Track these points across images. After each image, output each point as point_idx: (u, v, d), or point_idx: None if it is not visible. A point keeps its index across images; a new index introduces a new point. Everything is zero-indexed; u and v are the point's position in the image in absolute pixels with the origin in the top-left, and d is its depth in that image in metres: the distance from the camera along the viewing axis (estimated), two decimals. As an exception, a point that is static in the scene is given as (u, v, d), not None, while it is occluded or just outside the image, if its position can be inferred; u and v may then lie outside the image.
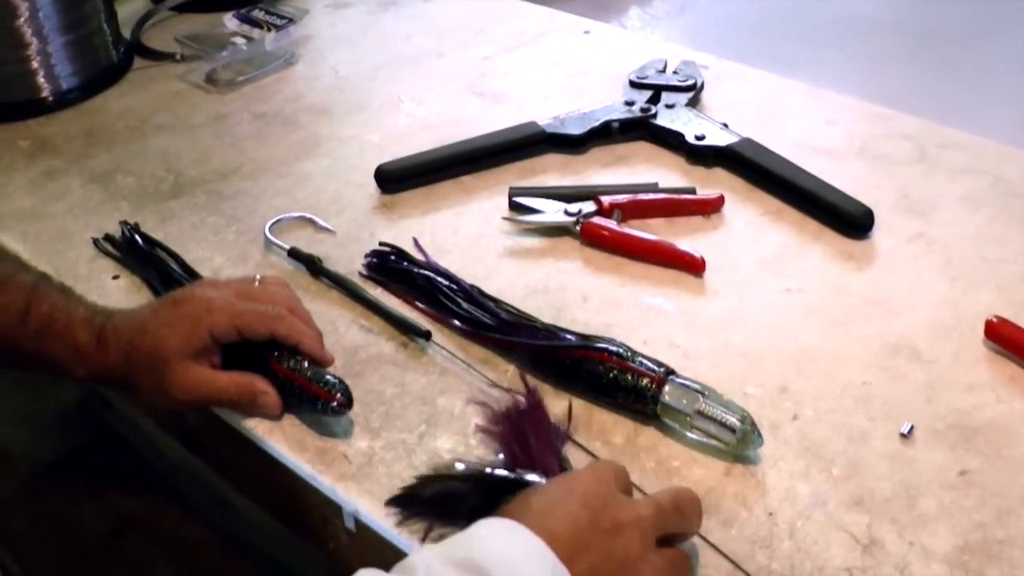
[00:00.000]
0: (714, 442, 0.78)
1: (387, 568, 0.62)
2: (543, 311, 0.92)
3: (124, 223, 1.04)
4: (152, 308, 0.86)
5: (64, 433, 1.31)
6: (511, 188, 1.07)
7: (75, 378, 0.85)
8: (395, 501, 0.75)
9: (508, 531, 0.64)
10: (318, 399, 0.81)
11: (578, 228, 1.01)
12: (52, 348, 0.84)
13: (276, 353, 0.83)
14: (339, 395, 0.80)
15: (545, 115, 1.17)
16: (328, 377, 0.82)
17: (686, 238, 1.01)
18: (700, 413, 0.78)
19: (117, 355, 0.83)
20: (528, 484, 0.73)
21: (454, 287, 0.94)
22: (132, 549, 1.20)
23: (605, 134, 1.16)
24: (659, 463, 0.79)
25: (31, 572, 1.15)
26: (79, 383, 0.87)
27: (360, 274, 0.98)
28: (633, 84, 1.23)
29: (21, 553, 1.16)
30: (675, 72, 1.25)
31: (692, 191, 1.06)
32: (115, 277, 0.99)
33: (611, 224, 1.01)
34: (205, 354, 0.82)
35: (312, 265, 0.98)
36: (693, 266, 0.97)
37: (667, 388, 0.80)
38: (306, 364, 0.83)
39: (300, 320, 0.85)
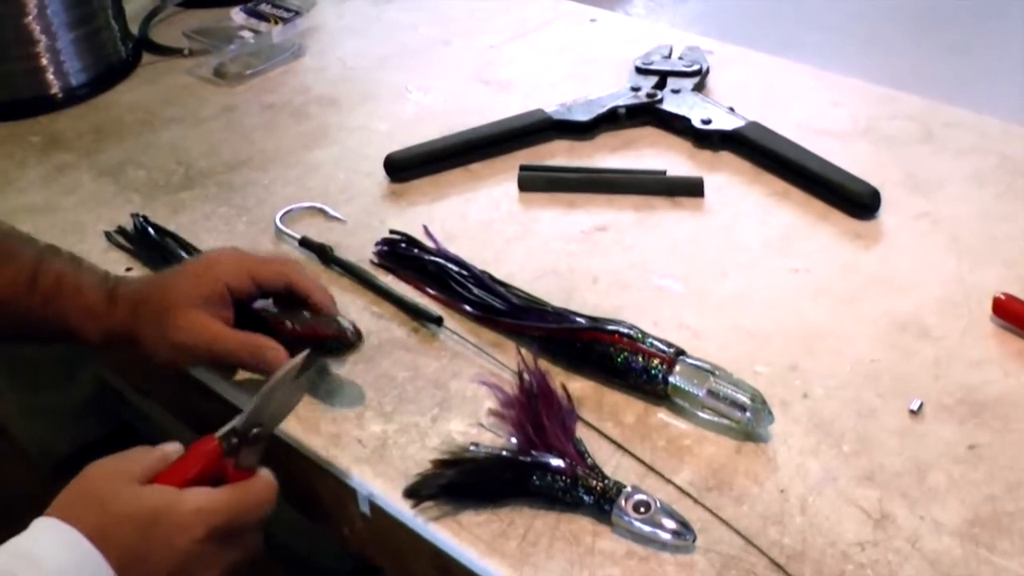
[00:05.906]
0: (725, 421, 0.79)
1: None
2: (553, 295, 0.92)
3: (136, 215, 1.05)
4: (166, 269, 0.89)
5: (79, 427, 1.31)
6: (521, 164, 1.08)
7: (86, 340, 0.86)
8: (411, 492, 0.76)
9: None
10: (327, 340, 0.82)
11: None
12: (62, 310, 0.86)
13: (276, 313, 0.85)
14: (349, 329, 0.82)
15: (552, 102, 1.18)
16: (336, 320, 0.83)
17: (692, 220, 1.01)
18: (711, 392, 0.79)
19: (125, 310, 0.85)
20: (543, 466, 0.74)
21: (464, 273, 0.94)
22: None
23: (612, 120, 1.16)
24: (670, 442, 0.79)
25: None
26: (91, 346, 0.88)
27: (371, 262, 0.99)
28: (639, 70, 1.23)
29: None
30: (680, 57, 1.25)
31: (699, 181, 1.06)
32: (128, 269, 1.00)
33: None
34: (216, 306, 0.82)
35: (323, 253, 0.99)
36: None
37: (677, 368, 0.80)
38: (306, 315, 0.84)
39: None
